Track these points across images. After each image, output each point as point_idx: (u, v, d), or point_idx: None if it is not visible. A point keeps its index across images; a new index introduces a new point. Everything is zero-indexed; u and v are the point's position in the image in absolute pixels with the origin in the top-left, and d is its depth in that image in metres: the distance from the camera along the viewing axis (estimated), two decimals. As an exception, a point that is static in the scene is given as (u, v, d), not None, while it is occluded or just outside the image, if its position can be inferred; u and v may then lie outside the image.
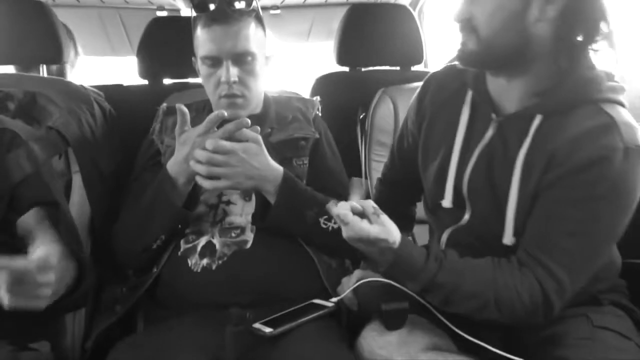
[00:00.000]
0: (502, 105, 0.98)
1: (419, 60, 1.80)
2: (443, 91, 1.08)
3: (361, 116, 1.67)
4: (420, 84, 1.14)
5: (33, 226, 0.92)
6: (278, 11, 2.48)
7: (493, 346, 0.90)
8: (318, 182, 1.21)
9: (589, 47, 0.89)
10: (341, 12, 2.39)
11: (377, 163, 1.59)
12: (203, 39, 1.17)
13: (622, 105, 0.92)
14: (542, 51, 0.89)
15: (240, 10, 1.16)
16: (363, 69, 1.80)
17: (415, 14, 2.30)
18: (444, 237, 1.05)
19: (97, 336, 1.10)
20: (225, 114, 1.07)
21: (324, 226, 1.12)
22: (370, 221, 0.90)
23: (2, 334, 1.01)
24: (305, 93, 1.69)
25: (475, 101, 1.02)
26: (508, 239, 0.94)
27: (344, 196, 1.22)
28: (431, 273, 0.90)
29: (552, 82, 0.91)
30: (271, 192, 1.11)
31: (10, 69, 1.67)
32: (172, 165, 1.10)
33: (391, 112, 1.61)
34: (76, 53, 1.86)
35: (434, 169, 1.06)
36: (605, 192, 0.86)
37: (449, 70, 1.11)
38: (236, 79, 1.15)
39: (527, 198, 0.92)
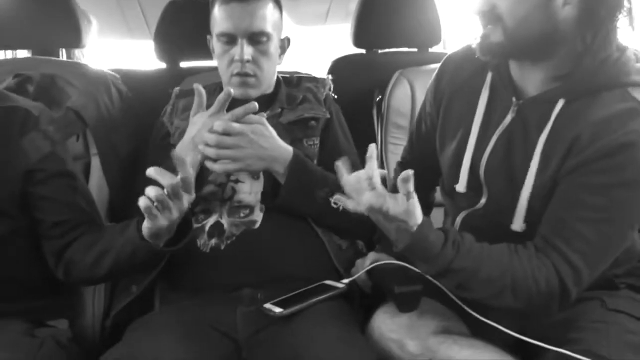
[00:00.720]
0: (523, 88, 0.96)
1: (436, 42, 1.77)
2: (461, 72, 1.06)
3: (377, 98, 1.65)
4: (438, 65, 1.11)
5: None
6: (295, -7, 2.46)
7: (505, 328, 0.89)
8: (329, 163, 1.20)
9: (614, 24, 0.85)
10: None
11: (393, 146, 1.58)
12: (220, 16, 1.17)
13: None
14: (568, 34, 0.86)
15: None
16: (380, 51, 1.78)
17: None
18: (458, 220, 1.04)
19: (116, 315, 1.13)
20: (233, 91, 1.07)
21: (334, 206, 1.10)
22: (397, 199, 0.87)
23: (21, 313, 1.05)
24: (322, 75, 1.68)
25: (495, 83, 1.00)
26: (518, 225, 0.93)
27: None
28: (447, 259, 0.89)
29: (576, 65, 0.88)
30: (281, 172, 1.10)
31: (25, 54, 1.70)
32: (180, 145, 1.10)
33: (408, 94, 1.59)
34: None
35: (450, 151, 1.04)
36: (629, 179, 0.84)
37: (467, 51, 1.07)
38: (250, 57, 1.15)
39: (544, 184, 0.91)
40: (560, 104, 0.90)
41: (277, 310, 0.97)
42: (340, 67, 1.74)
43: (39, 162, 1.03)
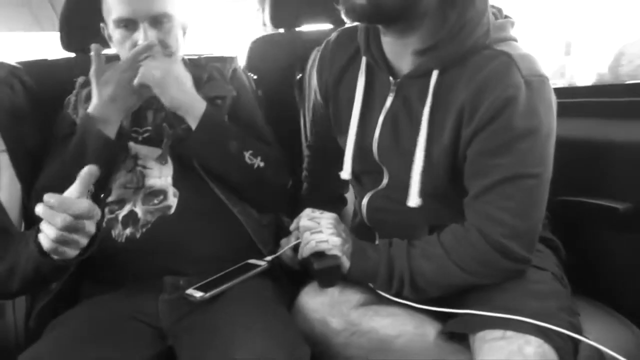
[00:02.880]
0: (398, 66, 0.97)
1: (355, 18, 1.77)
2: (338, 60, 1.07)
3: (298, 77, 1.64)
4: None
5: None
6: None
7: None
8: None
9: None
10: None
11: (314, 123, 1.58)
12: (115, 1, 1.10)
13: (515, 40, 0.92)
14: (431, 5, 0.88)
15: None
16: (298, 29, 1.76)
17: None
18: (364, 202, 1.06)
19: (40, 314, 1.08)
20: (151, 40, 1.07)
21: (249, 161, 1.11)
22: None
23: None
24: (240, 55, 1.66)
25: (371, 66, 1.01)
26: (413, 200, 0.94)
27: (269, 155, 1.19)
28: (385, 276, 0.93)
29: (442, 34, 0.90)
30: (195, 117, 1.08)
31: None
32: (97, 109, 1.07)
33: (328, 70, 1.59)
34: None
35: (345, 140, 1.05)
36: (521, 130, 0.86)
37: (342, 36, 1.09)
38: (156, 41, 1.10)
39: (437, 157, 0.92)
40: (434, 75, 0.91)
41: (198, 294, 0.96)
42: (259, 47, 1.72)
43: None
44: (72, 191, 0.82)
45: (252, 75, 1.47)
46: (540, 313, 0.83)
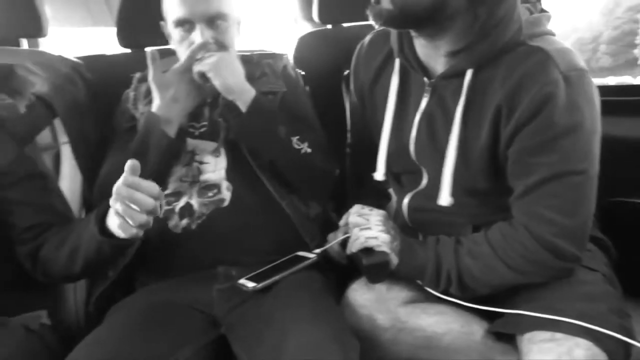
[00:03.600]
0: (432, 67, 0.97)
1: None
2: (372, 62, 1.08)
3: (345, 72, 1.66)
4: None
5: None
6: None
7: None
8: None
9: None
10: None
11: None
12: (174, 2, 1.14)
13: (552, 34, 0.91)
14: (460, 7, 0.87)
15: None
16: (345, 25, 1.77)
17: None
18: (405, 202, 1.08)
19: (98, 300, 1.14)
20: (207, 39, 1.11)
21: (296, 146, 1.14)
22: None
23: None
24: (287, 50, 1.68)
25: (404, 68, 1.01)
26: (444, 199, 0.94)
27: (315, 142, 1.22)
28: (432, 273, 0.94)
29: (474, 34, 0.89)
30: (246, 101, 1.12)
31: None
32: (161, 108, 1.12)
33: (373, 65, 1.60)
34: None
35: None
36: (562, 127, 0.85)
37: (375, 39, 1.10)
38: (211, 41, 1.14)
39: (472, 156, 0.92)
40: (469, 74, 0.91)
41: (251, 285, 0.99)
42: (306, 43, 1.73)
43: (8, 165, 1.02)
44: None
45: (299, 71, 1.50)
46: (590, 315, 0.83)
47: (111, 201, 0.87)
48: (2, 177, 1.01)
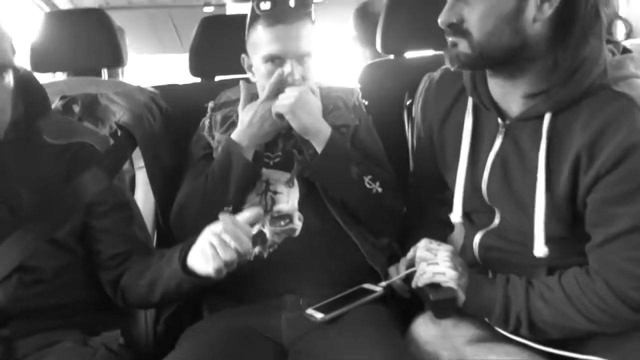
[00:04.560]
0: (507, 108, 0.96)
1: (463, 43, 1.78)
2: (444, 100, 1.08)
3: (408, 102, 1.67)
4: None
5: None
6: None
7: None
8: None
9: (588, 37, 0.84)
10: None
11: (424, 148, 1.61)
12: (266, 39, 1.18)
13: (637, 77, 0.88)
14: (541, 49, 0.86)
15: (299, 9, 1.19)
16: (408, 56, 1.80)
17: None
18: (476, 239, 1.06)
19: (167, 322, 1.19)
20: (296, 75, 1.16)
21: (368, 186, 1.17)
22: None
23: (77, 325, 1.09)
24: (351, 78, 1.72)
25: (477, 107, 1.00)
26: (539, 250, 0.91)
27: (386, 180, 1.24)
28: (501, 313, 0.93)
29: (555, 77, 0.87)
30: (321, 142, 1.16)
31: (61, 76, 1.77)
32: (237, 133, 1.19)
33: (437, 96, 1.61)
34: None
35: (454, 178, 1.06)
36: None
37: (446, 75, 1.10)
38: (300, 77, 1.18)
39: (558, 204, 0.90)
40: (547, 118, 0.89)
41: (319, 315, 1.02)
42: (369, 73, 1.76)
43: (100, 195, 1.07)
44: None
45: (363, 101, 1.53)
46: None
47: (206, 232, 0.91)
48: (94, 207, 1.07)
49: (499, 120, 0.97)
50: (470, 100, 1.02)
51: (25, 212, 1.00)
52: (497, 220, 1.03)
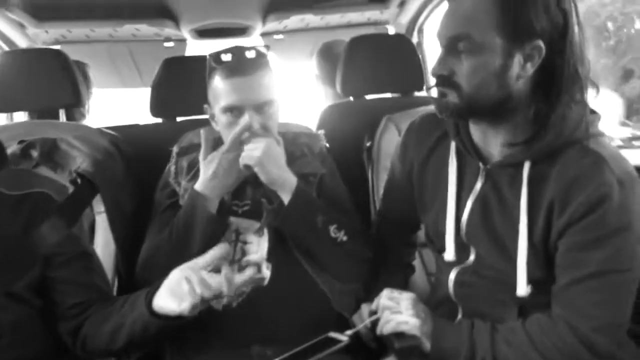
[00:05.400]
0: (487, 153, 1.02)
1: (420, 87, 1.86)
2: (426, 141, 1.13)
3: (368, 144, 1.72)
4: (422, 108, 1.19)
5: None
6: (281, 36, 2.54)
7: None
8: None
9: (566, 94, 0.92)
10: (342, 33, 2.48)
11: (384, 189, 1.65)
12: (224, 90, 1.19)
13: (603, 135, 0.96)
14: (523, 102, 0.94)
15: (257, 60, 1.20)
16: (367, 97, 1.85)
17: (414, 35, 2.37)
18: (451, 276, 1.09)
19: None
20: (255, 125, 1.17)
21: (333, 235, 1.19)
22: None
23: None
24: (309, 122, 1.75)
25: (459, 151, 1.06)
26: (522, 289, 0.96)
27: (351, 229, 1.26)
28: (467, 358, 0.96)
29: (533, 129, 0.95)
30: (287, 192, 1.18)
31: (21, 116, 1.73)
32: (201, 185, 1.18)
33: (396, 138, 1.63)
34: (89, 93, 1.94)
35: (431, 219, 1.11)
36: (616, 226, 0.89)
37: (427, 119, 1.16)
38: (260, 127, 1.19)
39: (537, 247, 0.96)
40: (527, 166, 0.96)
41: None
42: (330, 114, 1.80)
43: (58, 245, 1.05)
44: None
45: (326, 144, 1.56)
46: None
47: (178, 270, 0.93)
48: (53, 258, 1.05)
49: (480, 164, 1.02)
50: (453, 144, 1.07)
51: None
52: (472, 257, 1.06)
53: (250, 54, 1.20)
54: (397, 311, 1.03)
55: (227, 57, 1.19)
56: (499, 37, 0.90)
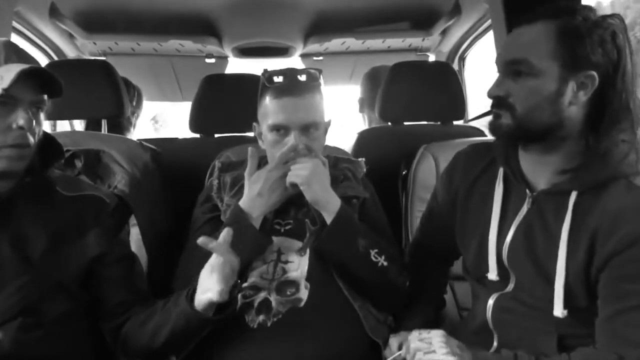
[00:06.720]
0: (534, 181, 1.03)
1: (460, 116, 1.85)
2: (473, 168, 1.15)
3: (403, 172, 1.70)
4: (461, 140, 1.18)
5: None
6: (321, 58, 2.56)
7: None
8: None
9: (617, 126, 0.94)
10: (382, 57, 2.49)
11: (418, 219, 1.62)
12: (273, 109, 1.20)
13: None
14: (573, 131, 0.95)
15: (307, 82, 1.22)
16: (405, 124, 1.84)
17: (455, 63, 2.36)
18: (490, 302, 1.08)
19: None
20: (300, 145, 1.18)
21: (374, 259, 1.18)
22: None
23: None
24: (346, 144, 1.75)
25: (507, 177, 1.07)
26: (559, 311, 0.96)
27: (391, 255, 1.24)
28: None
29: (581, 160, 0.96)
30: (330, 213, 1.18)
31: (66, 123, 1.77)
32: (245, 202, 1.19)
33: (432, 169, 1.63)
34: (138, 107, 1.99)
35: (475, 244, 1.10)
36: None
37: (475, 147, 1.18)
38: (304, 147, 1.20)
39: (576, 273, 0.95)
40: (574, 195, 0.96)
41: None
42: (367, 138, 1.80)
43: (107, 246, 1.12)
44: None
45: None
46: None
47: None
48: (102, 257, 1.11)
49: (527, 191, 1.03)
50: (501, 171, 1.08)
51: (37, 257, 1.03)
52: (511, 284, 1.06)
53: (302, 77, 1.22)
54: (430, 351, 1.00)
55: (279, 79, 1.21)
56: (555, 64, 0.93)
